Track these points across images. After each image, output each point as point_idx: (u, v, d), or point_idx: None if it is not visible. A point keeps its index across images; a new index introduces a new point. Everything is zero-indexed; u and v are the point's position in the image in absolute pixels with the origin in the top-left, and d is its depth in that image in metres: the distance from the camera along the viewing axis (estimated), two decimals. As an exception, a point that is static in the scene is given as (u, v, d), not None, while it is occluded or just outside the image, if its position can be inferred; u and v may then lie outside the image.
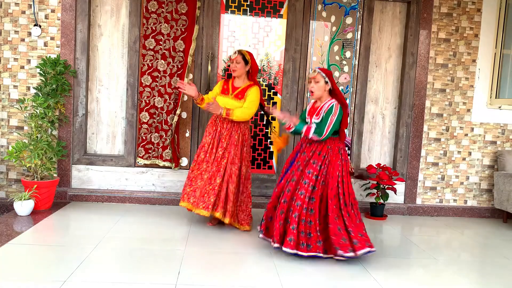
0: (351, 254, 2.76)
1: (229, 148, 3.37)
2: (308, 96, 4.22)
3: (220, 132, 3.41)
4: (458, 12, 4.29)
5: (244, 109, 3.36)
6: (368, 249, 2.77)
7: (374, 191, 4.28)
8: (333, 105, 2.91)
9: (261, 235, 3.07)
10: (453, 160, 4.42)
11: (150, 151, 4.10)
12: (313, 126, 2.93)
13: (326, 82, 2.96)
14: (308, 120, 3.05)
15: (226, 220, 3.31)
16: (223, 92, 3.49)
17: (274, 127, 4.18)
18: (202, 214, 3.24)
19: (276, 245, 2.84)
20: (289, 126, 3.02)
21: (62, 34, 3.92)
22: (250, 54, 3.45)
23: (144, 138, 4.09)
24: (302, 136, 3.01)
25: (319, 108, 2.98)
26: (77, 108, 4.03)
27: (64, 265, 2.53)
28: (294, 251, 2.77)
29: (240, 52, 3.41)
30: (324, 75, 2.95)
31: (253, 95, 3.38)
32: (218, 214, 3.27)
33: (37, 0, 3.87)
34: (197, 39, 4.07)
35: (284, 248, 2.79)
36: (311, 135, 2.91)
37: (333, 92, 3.00)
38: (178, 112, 4.00)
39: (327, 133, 2.87)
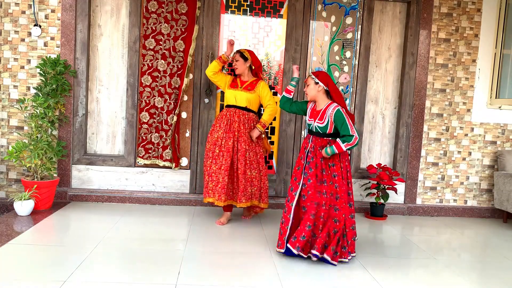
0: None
1: (251, 142, 3.57)
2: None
3: (233, 126, 3.54)
4: (458, 12, 4.29)
5: (268, 109, 3.60)
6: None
7: (374, 191, 4.28)
8: (338, 109, 2.87)
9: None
10: (453, 160, 4.42)
11: (150, 151, 4.10)
12: (338, 141, 2.86)
13: (316, 83, 2.94)
14: (310, 122, 3.01)
15: (263, 205, 3.63)
16: (232, 86, 3.66)
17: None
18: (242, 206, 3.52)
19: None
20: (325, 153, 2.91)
21: (62, 34, 3.92)
22: (250, 51, 3.67)
23: (144, 138, 4.09)
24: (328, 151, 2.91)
25: (321, 111, 2.93)
26: (77, 108, 4.03)
27: (64, 265, 2.53)
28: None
29: (238, 51, 3.62)
30: (313, 76, 2.95)
31: (266, 89, 3.62)
32: (255, 202, 3.59)
33: (37, 0, 3.88)
34: (197, 39, 4.07)
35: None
36: (344, 149, 2.85)
37: (330, 93, 2.97)
38: (177, 112, 4.00)
39: (355, 133, 2.85)
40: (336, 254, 2.79)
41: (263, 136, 3.70)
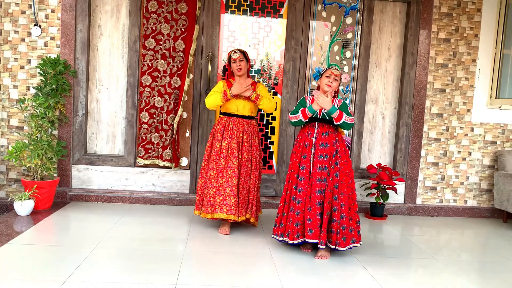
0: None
1: (253, 151, 3.40)
2: (310, 94, 4.22)
3: (237, 136, 3.34)
4: (458, 12, 4.29)
5: (269, 100, 3.39)
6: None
7: (374, 191, 4.28)
8: (344, 101, 3.05)
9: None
10: (453, 160, 4.42)
11: (150, 151, 4.10)
12: (343, 111, 2.95)
13: (339, 84, 3.10)
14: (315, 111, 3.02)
15: (252, 220, 3.40)
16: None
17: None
18: (241, 220, 3.30)
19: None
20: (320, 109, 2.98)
21: (62, 34, 3.92)
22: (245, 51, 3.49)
23: (144, 138, 4.09)
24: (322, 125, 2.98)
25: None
26: (77, 108, 4.03)
27: (64, 265, 2.53)
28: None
29: (240, 50, 3.38)
30: (340, 76, 3.07)
31: (265, 90, 3.44)
32: (252, 220, 3.40)
33: (37, 0, 3.88)
34: (197, 39, 4.07)
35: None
36: (343, 119, 2.90)
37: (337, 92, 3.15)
38: (179, 112, 3.99)
39: (353, 117, 3.01)
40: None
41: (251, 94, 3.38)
